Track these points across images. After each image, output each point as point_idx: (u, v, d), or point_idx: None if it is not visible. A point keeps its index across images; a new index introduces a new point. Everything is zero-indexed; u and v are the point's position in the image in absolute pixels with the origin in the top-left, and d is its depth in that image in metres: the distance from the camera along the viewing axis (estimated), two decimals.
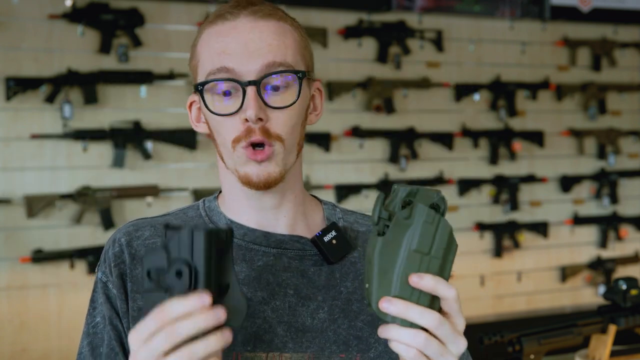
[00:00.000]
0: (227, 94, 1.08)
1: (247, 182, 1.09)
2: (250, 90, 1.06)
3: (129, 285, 1.11)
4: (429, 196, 0.93)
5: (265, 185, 1.09)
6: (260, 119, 1.06)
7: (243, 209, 1.16)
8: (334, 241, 1.14)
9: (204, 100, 1.09)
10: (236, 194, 1.16)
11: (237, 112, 1.07)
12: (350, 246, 1.16)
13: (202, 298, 0.86)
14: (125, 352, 1.09)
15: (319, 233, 1.14)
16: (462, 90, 4.01)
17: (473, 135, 4.03)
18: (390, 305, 0.91)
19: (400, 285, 0.91)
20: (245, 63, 1.06)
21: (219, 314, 0.86)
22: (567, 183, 4.27)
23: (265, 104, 1.07)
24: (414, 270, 0.91)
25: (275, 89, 1.08)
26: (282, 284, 1.11)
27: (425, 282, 0.90)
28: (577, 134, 4.29)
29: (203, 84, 1.09)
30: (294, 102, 1.09)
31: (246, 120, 1.06)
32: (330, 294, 1.12)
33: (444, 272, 0.92)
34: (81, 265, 3.29)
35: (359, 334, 1.12)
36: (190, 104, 1.18)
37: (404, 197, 0.92)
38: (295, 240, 1.15)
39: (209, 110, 1.09)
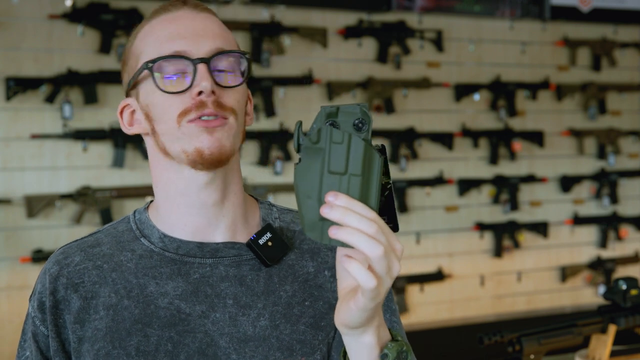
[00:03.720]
0: (176, 74, 1.08)
1: (199, 157, 1.06)
2: (202, 67, 1.06)
3: (66, 316, 1.10)
4: (351, 113, 0.90)
5: (218, 159, 1.07)
6: (213, 92, 1.06)
7: (180, 214, 1.12)
8: (269, 243, 1.12)
9: (154, 78, 1.08)
10: (174, 195, 1.12)
11: (187, 89, 1.07)
12: (286, 247, 1.14)
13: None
14: None
15: (253, 236, 1.12)
16: (462, 90, 4.01)
17: (473, 135, 4.03)
18: (333, 200, 0.87)
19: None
20: (195, 44, 1.08)
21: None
22: (567, 183, 4.27)
23: (215, 82, 1.07)
24: (333, 190, 0.89)
25: (223, 70, 1.09)
26: (220, 295, 1.10)
27: (340, 201, 0.86)
28: (577, 134, 4.29)
29: (154, 61, 1.08)
30: (243, 82, 1.10)
31: (198, 94, 1.06)
32: (270, 299, 1.11)
33: (369, 188, 0.89)
34: None
35: (302, 337, 1.11)
36: (122, 110, 1.15)
37: (325, 121, 0.90)
38: (230, 247, 1.13)
39: (159, 89, 1.08)
